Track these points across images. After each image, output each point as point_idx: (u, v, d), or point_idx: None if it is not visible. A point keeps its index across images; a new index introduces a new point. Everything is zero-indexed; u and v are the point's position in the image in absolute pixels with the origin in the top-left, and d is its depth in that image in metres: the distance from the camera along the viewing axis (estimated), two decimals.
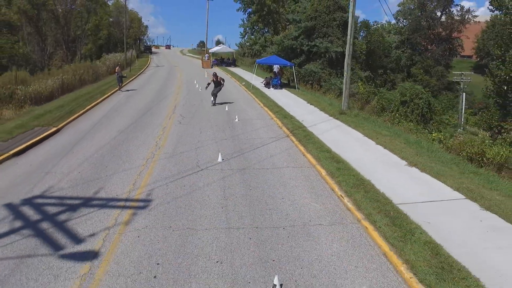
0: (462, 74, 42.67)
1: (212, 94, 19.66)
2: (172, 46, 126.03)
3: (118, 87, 24.74)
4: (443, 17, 64.79)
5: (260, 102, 21.02)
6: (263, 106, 19.83)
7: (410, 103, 25.44)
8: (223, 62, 48.71)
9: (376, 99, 28.73)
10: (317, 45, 35.83)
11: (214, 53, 52.80)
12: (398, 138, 13.58)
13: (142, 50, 78.28)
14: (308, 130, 14.32)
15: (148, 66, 47.03)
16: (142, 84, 29.21)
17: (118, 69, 25.22)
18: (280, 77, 28.38)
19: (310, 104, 21.01)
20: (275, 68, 28.58)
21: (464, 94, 40.06)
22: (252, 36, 58.12)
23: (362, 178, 9.17)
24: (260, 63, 32.34)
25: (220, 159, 10.69)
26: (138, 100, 21.29)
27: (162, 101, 21.04)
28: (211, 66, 44.88)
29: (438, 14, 64.92)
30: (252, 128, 15.09)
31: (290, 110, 18.40)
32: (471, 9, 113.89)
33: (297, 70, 32.30)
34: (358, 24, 51.17)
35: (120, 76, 24.79)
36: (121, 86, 25.10)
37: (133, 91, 24.76)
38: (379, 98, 29.18)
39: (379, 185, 8.73)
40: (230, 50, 58.24)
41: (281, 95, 23.92)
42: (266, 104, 20.22)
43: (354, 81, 33.91)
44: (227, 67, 45.31)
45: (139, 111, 17.83)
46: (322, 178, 9.58)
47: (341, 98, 19.32)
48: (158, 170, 9.84)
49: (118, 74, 24.74)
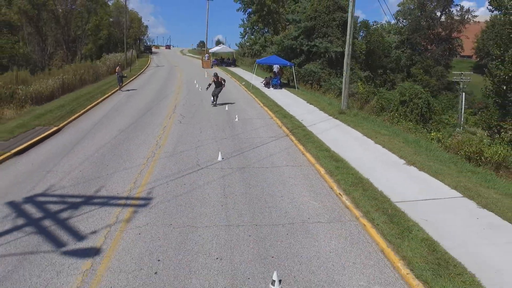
0: (462, 74, 42.70)
1: (212, 95, 19.58)
2: (172, 46, 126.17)
3: (118, 87, 24.83)
4: (443, 17, 64.94)
5: (260, 102, 21.10)
6: (263, 106, 19.91)
7: (409, 103, 25.53)
8: (223, 62, 48.81)
9: (375, 99, 28.83)
10: (316, 45, 35.92)
11: (214, 53, 52.88)
12: (397, 137, 13.66)
13: (142, 50, 78.42)
14: (307, 130, 14.40)
15: (148, 66, 47.10)
16: (143, 84, 29.30)
17: (118, 69, 25.29)
18: (280, 77, 28.47)
19: (310, 103, 21.10)
20: (275, 68, 28.67)
21: (463, 94, 40.09)
22: (252, 36, 58.22)
23: (361, 177, 9.25)
24: (260, 63, 32.41)
25: (220, 158, 10.79)
26: (138, 99, 21.37)
27: (162, 100, 21.12)
28: (211, 66, 44.98)
29: (438, 14, 65.07)
30: (252, 127, 15.18)
31: (289, 110, 18.48)
32: (471, 9, 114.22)
33: (296, 70, 32.39)
34: (357, 24, 51.29)
35: (120, 76, 24.86)
36: (121, 86, 25.18)
37: (133, 91, 24.85)
38: (379, 98, 29.26)
39: (378, 183, 8.82)
40: (230, 50, 58.33)
41: (280, 95, 24.01)
42: (266, 103, 20.30)
43: (354, 81, 34.02)
44: (227, 67, 45.40)
45: (140, 111, 17.92)
46: (321, 176, 9.67)
47: (340, 98, 19.40)
48: (158, 169, 9.93)
49: (118, 74, 24.81)
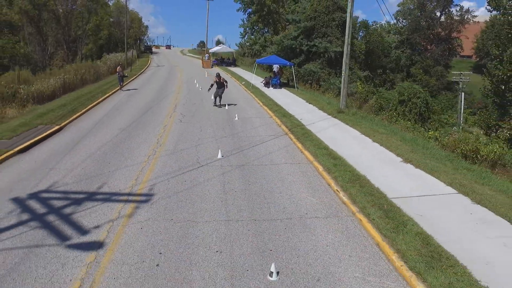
0: (461, 74, 42.86)
1: (215, 96, 19.33)
2: (172, 46, 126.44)
3: (119, 87, 25.00)
4: (443, 17, 65.03)
5: (259, 101, 21.28)
6: (263, 105, 20.09)
7: (408, 102, 25.68)
8: (223, 62, 49.00)
9: (374, 98, 29.00)
10: (316, 45, 36.09)
11: (214, 53, 53.06)
12: (395, 136, 13.84)
13: (143, 50, 78.68)
14: (306, 128, 14.58)
15: (148, 66, 47.28)
16: (143, 83, 29.47)
17: (119, 68, 25.45)
18: (279, 76, 28.65)
19: (309, 103, 21.28)
20: (275, 67, 28.85)
21: (463, 94, 40.25)
22: (252, 36, 58.40)
23: (358, 174, 9.43)
24: (260, 63, 32.58)
25: (220, 156, 10.96)
26: (139, 99, 21.55)
27: (163, 100, 21.30)
28: (211, 66, 45.16)
29: (438, 14, 65.18)
30: (251, 126, 15.35)
31: (289, 109, 18.66)
32: (471, 9, 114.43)
33: (296, 69, 32.57)
34: (357, 24, 51.44)
35: (121, 75, 25.01)
36: (122, 85, 25.35)
37: (134, 91, 25.02)
38: (378, 98, 29.44)
39: (374, 180, 9.00)
40: (230, 50, 58.52)
41: (280, 95, 24.18)
42: (265, 103, 20.48)
43: (353, 80, 34.21)
44: (227, 67, 45.59)
45: (140, 110, 18.10)
46: (319, 174, 9.85)
47: (339, 97, 19.57)
48: (159, 166, 10.11)
49: (119, 73, 24.97)
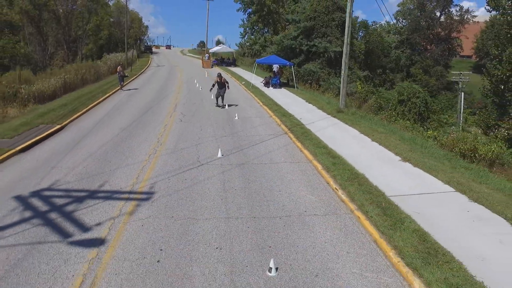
0: (461, 74, 42.96)
1: (216, 97, 19.36)
2: (172, 46, 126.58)
3: (119, 86, 25.09)
4: (443, 17, 65.14)
5: (259, 101, 21.37)
6: (263, 105, 20.18)
7: (407, 102, 25.80)
8: (223, 62, 49.10)
9: (373, 98, 29.09)
10: (316, 45, 36.20)
11: (214, 53, 53.16)
12: (394, 135, 13.93)
13: (143, 50, 78.81)
14: (306, 128, 14.67)
15: (148, 66, 47.37)
16: (143, 83, 29.56)
17: (119, 68, 25.52)
18: (279, 76, 28.75)
19: (309, 103, 21.38)
20: (275, 67, 28.94)
21: (462, 93, 40.32)
22: (252, 36, 58.50)
23: (357, 173, 9.53)
24: (259, 63, 32.67)
25: (220, 155, 11.05)
26: (139, 99, 21.64)
27: (163, 100, 21.39)
28: (211, 66, 45.26)
29: (438, 14, 65.28)
30: (251, 125, 15.45)
31: (288, 109, 18.75)
32: (471, 9, 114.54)
33: (296, 69, 32.67)
34: (357, 24, 51.54)
35: (121, 75, 25.10)
36: (122, 85, 25.44)
37: (134, 90, 25.11)
38: (377, 97, 29.54)
39: (373, 179, 9.09)
40: (230, 50, 58.62)
41: (280, 94, 24.28)
42: (265, 103, 20.58)
43: (353, 80, 34.30)
44: (227, 67, 45.69)
45: (141, 110, 18.19)
46: (318, 172, 9.94)
47: (339, 97, 19.65)
48: (160, 165, 10.21)
49: (119, 73, 25.06)
